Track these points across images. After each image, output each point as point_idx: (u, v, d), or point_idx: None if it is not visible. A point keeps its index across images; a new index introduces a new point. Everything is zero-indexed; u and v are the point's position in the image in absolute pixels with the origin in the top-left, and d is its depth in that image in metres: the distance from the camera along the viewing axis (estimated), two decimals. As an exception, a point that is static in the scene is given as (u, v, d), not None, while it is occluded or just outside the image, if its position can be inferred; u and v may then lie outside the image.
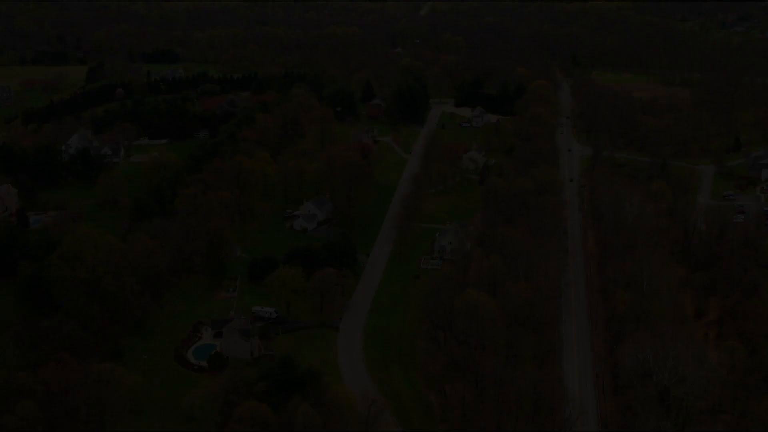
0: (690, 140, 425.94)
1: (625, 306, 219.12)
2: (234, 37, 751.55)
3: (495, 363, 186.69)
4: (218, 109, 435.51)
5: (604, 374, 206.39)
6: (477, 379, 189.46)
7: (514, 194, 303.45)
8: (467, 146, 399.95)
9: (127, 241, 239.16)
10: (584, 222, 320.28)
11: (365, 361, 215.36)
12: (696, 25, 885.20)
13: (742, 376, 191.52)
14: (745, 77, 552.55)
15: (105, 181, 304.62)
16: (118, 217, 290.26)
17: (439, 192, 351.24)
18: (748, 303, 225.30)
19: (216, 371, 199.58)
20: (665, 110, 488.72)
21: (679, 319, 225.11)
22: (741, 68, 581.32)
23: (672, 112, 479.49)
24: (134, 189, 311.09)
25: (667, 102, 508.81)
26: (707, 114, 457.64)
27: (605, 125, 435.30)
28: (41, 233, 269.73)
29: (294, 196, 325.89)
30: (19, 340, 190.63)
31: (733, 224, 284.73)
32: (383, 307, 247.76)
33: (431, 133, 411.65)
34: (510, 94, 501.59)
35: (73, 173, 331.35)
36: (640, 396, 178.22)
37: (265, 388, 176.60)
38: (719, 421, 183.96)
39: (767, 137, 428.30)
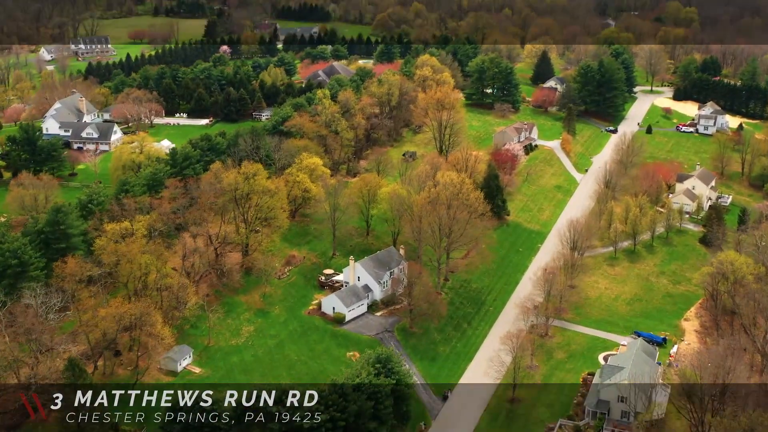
0: None
1: None
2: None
3: None
4: (308, 79, 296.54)
5: None
6: None
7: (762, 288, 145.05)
8: (685, 169, 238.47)
9: None
10: None
11: None
12: None
13: None
14: None
15: (15, 190, 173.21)
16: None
17: (623, 254, 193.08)
18: None
19: None
20: None
21: None
22: None
23: None
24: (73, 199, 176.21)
25: None
26: None
27: None
28: None
29: (352, 242, 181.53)
30: None
31: None
32: None
33: (627, 141, 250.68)
34: (763, 87, 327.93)
35: (13, 165, 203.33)
36: None
37: None
38: None
39: None
